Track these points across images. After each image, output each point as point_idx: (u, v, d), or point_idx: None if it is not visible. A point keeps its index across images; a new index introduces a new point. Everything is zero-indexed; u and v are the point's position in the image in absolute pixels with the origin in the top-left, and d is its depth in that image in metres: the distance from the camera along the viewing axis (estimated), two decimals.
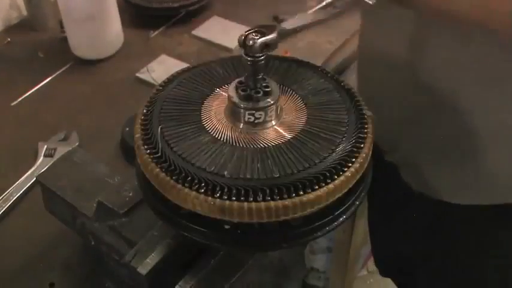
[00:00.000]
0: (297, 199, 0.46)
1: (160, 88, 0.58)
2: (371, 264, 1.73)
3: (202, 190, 0.47)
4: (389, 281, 0.97)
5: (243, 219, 0.46)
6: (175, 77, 0.60)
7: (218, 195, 0.46)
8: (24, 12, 1.17)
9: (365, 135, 0.52)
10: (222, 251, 0.57)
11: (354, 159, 0.50)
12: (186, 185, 0.47)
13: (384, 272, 0.96)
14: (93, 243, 0.64)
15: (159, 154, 0.50)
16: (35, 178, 0.80)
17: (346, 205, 0.51)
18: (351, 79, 0.99)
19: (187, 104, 0.56)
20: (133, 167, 0.57)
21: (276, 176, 0.47)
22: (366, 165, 0.51)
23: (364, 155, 0.50)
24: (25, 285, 0.69)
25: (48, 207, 0.70)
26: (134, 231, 0.59)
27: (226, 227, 0.49)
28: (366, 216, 1.28)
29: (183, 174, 0.48)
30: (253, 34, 0.50)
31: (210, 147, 0.50)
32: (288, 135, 0.52)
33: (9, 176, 0.82)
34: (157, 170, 0.49)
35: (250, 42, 0.50)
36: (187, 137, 0.52)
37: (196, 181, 0.47)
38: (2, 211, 0.77)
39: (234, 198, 0.46)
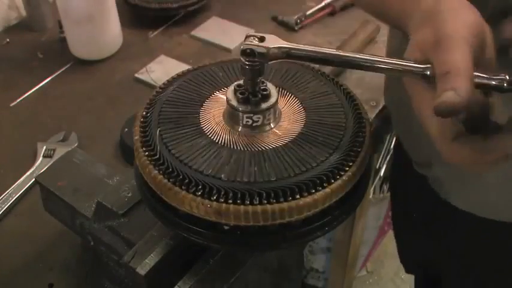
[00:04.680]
0: (293, 203, 0.46)
1: (160, 90, 0.58)
2: (370, 265, 1.74)
3: (199, 193, 0.47)
4: (388, 281, 0.97)
5: (239, 222, 0.47)
6: (175, 79, 0.60)
7: (215, 198, 0.46)
8: (23, 13, 1.17)
9: (363, 139, 0.52)
10: (221, 251, 0.57)
11: (351, 163, 0.50)
12: (183, 187, 0.47)
13: (408, 269, 0.95)
14: (92, 243, 0.64)
15: (157, 156, 0.50)
16: (34, 179, 0.80)
17: (346, 205, 0.51)
18: (350, 79, 0.99)
19: (187, 106, 0.56)
20: (132, 167, 0.57)
21: (272, 179, 0.48)
22: (363, 168, 0.51)
23: (361, 158, 0.50)
24: (24, 285, 0.69)
25: (47, 207, 0.70)
26: (133, 231, 0.59)
27: (226, 227, 0.49)
28: (365, 216, 1.28)
29: (180, 177, 0.48)
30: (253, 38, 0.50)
31: (208, 150, 0.51)
32: (286, 139, 0.52)
33: (9, 177, 0.82)
34: (155, 172, 0.49)
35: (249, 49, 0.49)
36: (185, 139, 0.52)
37: (193, 184, 0.47)
38: (1, 211, 0.78)
39: (230, 202, 0.46)
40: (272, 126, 0.54)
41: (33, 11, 1.13)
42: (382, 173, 1.24)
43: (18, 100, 0.98)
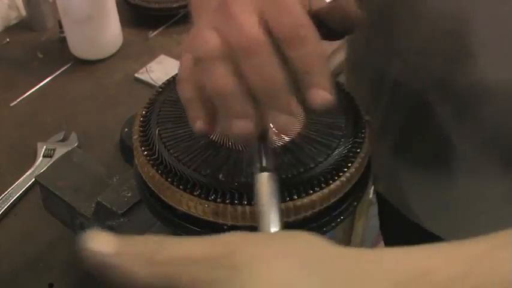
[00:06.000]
0: (290, 203, 0.46)
1: (160, 90, 0.58)
2: None
3: (197, 193, 0.47)
4: None
5: (237, 223, 0.46)
6: (175, 79, 0.60)
7: (212, 198, 0.46)
8: (23, 13, 1.17)
9: (362, 140, 0.52)
10: None
11: (349, 164, 0.49)
12: (180, 187, 0.47)
13: None
14: None
15: (156, 156, 0.50)
16: (34, 178, 0.80)
17: (345, 206, 0.51)
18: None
19: None
20: (132, 167, 0.57)
21: None
22: (362, 169, 0.51)
23: (360, 160, 0.50)
24: (24, 285, 0.69)
25: (47, 207, 0.70)
26: (133, 231, 0.59)
27: (225, 227, 0.49)
28: (365, 216, 1.28)
29: (178, 176, 0.48)
30: None
31: (207, 149, 0.50)
32: (284, 139, 0.52)
33: (8, 177, 0.83)
34: (153, 171, 0.49)
35: None
36: (184, 139, 0.52)
37: (190, 183, 0.47)
38: (1, 211, 0.78)
39: (227, 202, 0.46)
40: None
41: (33, 11, 1.13)
42: None
43: (18, 100, 0.98)
